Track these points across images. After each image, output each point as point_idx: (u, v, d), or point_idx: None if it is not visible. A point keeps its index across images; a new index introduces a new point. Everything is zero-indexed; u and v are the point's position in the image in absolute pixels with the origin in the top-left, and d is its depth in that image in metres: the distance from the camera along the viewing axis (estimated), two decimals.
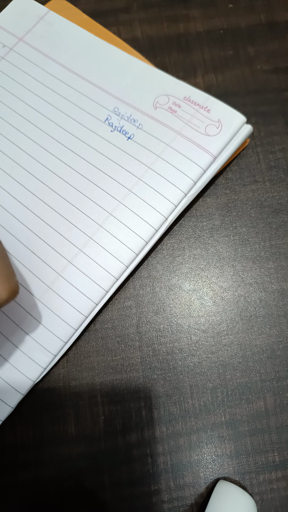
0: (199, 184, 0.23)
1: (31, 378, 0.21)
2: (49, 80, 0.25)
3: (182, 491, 0.22)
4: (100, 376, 0.23)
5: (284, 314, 0.24)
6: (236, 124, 0.23)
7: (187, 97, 0.24)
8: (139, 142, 0.24)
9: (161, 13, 0.29)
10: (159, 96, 0.24)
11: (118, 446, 0.22)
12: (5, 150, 0.24)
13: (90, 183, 0.23)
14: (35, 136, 0.24)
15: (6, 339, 0.22)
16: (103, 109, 0.24)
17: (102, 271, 0.22)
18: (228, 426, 0.22)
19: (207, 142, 0.23)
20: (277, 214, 0.25)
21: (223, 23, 0.29)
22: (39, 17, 0.27)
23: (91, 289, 0.22)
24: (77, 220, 0.23)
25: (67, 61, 0.26)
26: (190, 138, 0.23)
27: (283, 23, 0.29)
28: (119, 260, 0.22)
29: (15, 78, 0.26)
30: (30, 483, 0.22)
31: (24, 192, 0.24)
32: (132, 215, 0.22)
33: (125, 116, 0.24)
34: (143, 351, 0.23)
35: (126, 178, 0.23)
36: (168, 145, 0.23)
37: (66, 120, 0.25)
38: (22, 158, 0.24)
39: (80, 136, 0.24)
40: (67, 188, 0.23)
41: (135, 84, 0.25)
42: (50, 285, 0.22)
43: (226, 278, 0.24)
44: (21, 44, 0.26)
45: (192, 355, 0.23)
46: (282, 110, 0.27)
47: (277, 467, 0.22)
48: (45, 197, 0.23)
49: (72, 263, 0.22)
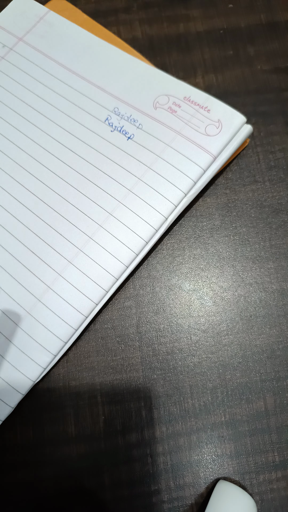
0: (199, 184, 0.23)
1: (31, 378, 0.21)
2: (49, 80, 0.25)
3: (182, 491, 0.22)
4: (100, 376, 0.23)
5: (284, 314, 0.24)
6: (236, 124, 0.23)
7: (187, 97, 0.24)
8: (139, 142, 0.24)
9: (161, 13, 0.29)
10: (159, 96, 0.24)
11: (118, 446, 0.22)
12: (5, 150, 0.24)
13: (90, 183, 0.23)
14: (35, 136, 0.24)
15: (6, 339, 0.22)
16: (103, 109, 0.24)
17: (102, 271, 0.22)
18: (228, 426, 0.22)
19: (207, 142, 0.23)
20: (277, 214, 0.25)
21: (223, 23, 0.29)
22: (39, 17, 0.27)
23: (91, 289, 0.22)
24: (77, 220, 0.23)
25: (67, 61, 0.26)
26: (190, 138, 0.23)
27: (283, 23, 0.29)
28: (119, 260, 0.22)
29: (15, 78, 0.26)
30: (30, 483, 0.22)
31: (24, 192, 0.24)
32: (132, 215, 0.22)
33: (125, 116, 0.24)
34: (143, 351, 0.23)
35: (126, 178, 0.23)
36: (168, 145, 0.23)
37: (66, 120, 0.25)
38: (22, 158, 0.24)
39: (80, 136, 0.24)
40: (67, 188, 0.23)
41: (135, 84, 0.25)
42: (50, 285, 0.22)
43: (226, 278, 0.24)
44: (21, 44, 0.26)
45: (192, 355, 0.23)
46: (282, 110, 0.27)
47: (277, 467, 0.22)
48: (45, 197, 0.23)
49: (72, 263, 0.22)
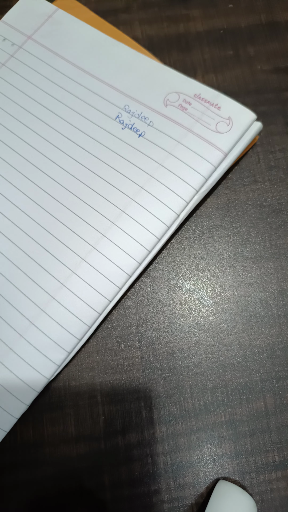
0: (210, 181, 0.23)
1: (45, 376, 0.21)
2: (59, 78, 0.25)
3: (182, 491, 0.22)
4: (100, 376, 0.23)
5: (284, 314, 0.24)
6: (246, 121, 0.23)
7: (197, 95, 0.24)
8: (150, 139, 0.24)
9: (161, 13, 0.29)
10: (169, 94, 0.24)
11: (118, 446, 0.22)
12: (16, 148, 0.25)
13: (102, 180, 0.23)
14: (45, 133, 0.25)
15: (21, 336, 0.22)
16: (113, 106, 0.25)
17: (115, 268, 0.22)
18: (228, 426, 0.22)
19: (218, 139, 0.23)
20: (277, 214, 0.25)
21: (223, 23, 0.29)
22: (48, 15, 0.27)
23: (104, 286, 0.22)
24: (90, 217, 0.23)
25: (76, 59, 0.26)
26: (201, 135, 0.23)
27: (283, 23, 0.29)
28: (132, 257, 0.22)
29: (24, 76, 0.26)
30: (30, 483, 0.22)
31: (36, 190, 0.24)
32: (144, 212, 0.22)
33: (136, 114, 0.24)
34: (143, 351, 0.23)
35: (137, 175, 0.23)
36: (179, 142, 0.23)
37: (76, 118, 0.25)
38: (32, 156, 0.24)
39: (91, 134, 0.24)
40: (78, 186, 0.23)
41: (145, 82, 0.25)
42: (64, 282, 0.22)
43: (226, 278, 0.24)
44: (30, 42, 0.26)
45: (192, 355, 0.23)
46: (282, 110, 0.27)
47: (277, 467, 0.22)
48: (56, 194, 0.23)
49: (85, 260, 0.22)
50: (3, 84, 0.26)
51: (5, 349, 0.22)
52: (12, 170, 0.24)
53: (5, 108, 0.25)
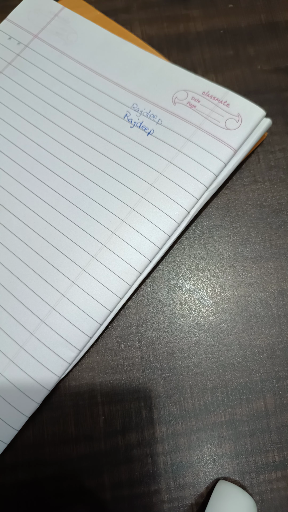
0: (220, 178, 0.23)
1: (56, 374, 0.21)
2: (66, 77, 0.25)
3: (182, 491, 0.22)
4: (100, 376, 0.23)
5: (284, 314, 0.24)
6: (255, 117, 0.23)
7: (206, 92, 0.24)
8: (159, 137, 0.24)
9: (161, 13, 0.29)
10: (177, 92, 0.24)
11: (118, 446, 0.22)
12: (24, 147, 0.25)
13: (111, 178, 0.23)
14: (54, 133, 0.25)
15: (31, 334, 0.22)
16: (121, 105, 0.25)
17: (126, 266, 0.22)
18: (228, 426, 0.22)
19: (227, 136, 0.23)
20: (277, 214, 0.25)
21: (223, 23, 0.29)
22: (54, 13, 0.27)
23: (115, 284, 0.22)
24: (99, 215, 0.23)
25: (84, 58, 0.26)
26: (210, 132, 0.23)
27: (283, 23, 0.29)
28: (142, 254, 0.22)
29: (31, 75, 0.26)
30: (30, 483, 0.22)
31: (45, 189, 0.24)
32: (155, 209, 0.23)
33: (144, 112, 0.24)
34: (143, 351, 0.23)
35: (147, 173, 0.23)
36: (188, 139, 0.23)
37: (84, 117, 0.25)
38: (41, 155, 0.24)
39: (99, 133, 0.24)
40: (88, 184, 0.23)
41: (153, 80, 0.25)
42: (74, 280, 0.22)
43: (226, 278, 0.24)
44: (36, 41, 0.26)
45: (192, 355, 0.23)
46: (282, 110, 0.27)
47: (277, 467, 0.22)
48: (66, 193, 0.23)
49: (95, 258, 0.22)
50: (9, 83, 0.26)
51: (16, 347, 0.22)
52: (20, 169, 0.24)
53: (12, 108, 0.25)
